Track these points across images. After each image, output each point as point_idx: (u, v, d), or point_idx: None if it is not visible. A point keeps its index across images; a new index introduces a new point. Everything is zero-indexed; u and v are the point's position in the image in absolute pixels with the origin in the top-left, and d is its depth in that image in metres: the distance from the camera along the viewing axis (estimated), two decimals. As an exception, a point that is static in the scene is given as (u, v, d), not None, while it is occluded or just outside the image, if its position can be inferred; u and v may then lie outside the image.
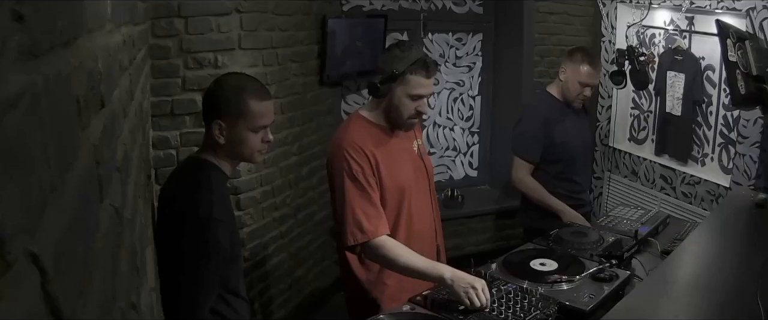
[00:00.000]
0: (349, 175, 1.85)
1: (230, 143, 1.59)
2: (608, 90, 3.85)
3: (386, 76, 1.87)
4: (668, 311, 1.53)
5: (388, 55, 1.92)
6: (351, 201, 1.83)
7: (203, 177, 1.57)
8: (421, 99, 1.89)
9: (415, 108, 1.90)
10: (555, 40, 3.96)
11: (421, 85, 1.87)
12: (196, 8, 2.49)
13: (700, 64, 3.26)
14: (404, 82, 1.86)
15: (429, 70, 1.87)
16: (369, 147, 1.88)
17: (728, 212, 2.33)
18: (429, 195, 2.09)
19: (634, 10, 3.62)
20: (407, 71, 1.84)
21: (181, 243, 1.51)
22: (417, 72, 1.85)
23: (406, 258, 1.81)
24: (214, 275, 1.53)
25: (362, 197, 1.84)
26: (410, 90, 1.87)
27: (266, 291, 3.02)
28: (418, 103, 1.89)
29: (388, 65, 1.87)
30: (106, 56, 0.81)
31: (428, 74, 1.87)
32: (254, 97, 1.58)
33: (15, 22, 0.39)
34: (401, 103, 1.89)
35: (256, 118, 1.58)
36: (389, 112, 1.93)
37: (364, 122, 1.96)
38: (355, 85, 3.80)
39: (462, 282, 1.69)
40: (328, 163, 1.96)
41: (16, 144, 0.39)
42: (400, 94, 1.88)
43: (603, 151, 3.95)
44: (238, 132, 1.58)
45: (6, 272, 0.35)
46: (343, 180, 1.85)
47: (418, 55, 1.87)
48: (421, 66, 1.85)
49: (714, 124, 3.26)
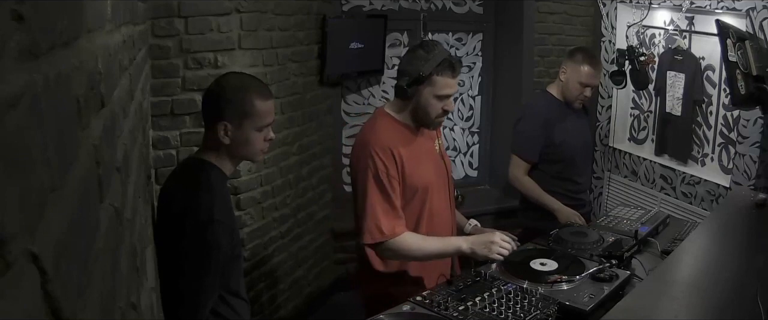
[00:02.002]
0: (374, 175, 1.87)
1: (235, 143, 1.59)
2: (608, 90, 3.85)
3: (413, 77, 1.87)
4: (668, 311, 1.53)
5: (413, 56, 1.92)
6: (372, 201, 1.87)
7: (203, 177, 1.57)
8: (448, 98, 1.91)
9: (442, 107, 1.92)
10: (555, 40, 3.96)
11: (448, 85, 1.89)
12: (196, 8, 2.49)
13: (700, 64, 3.26)
14: (431, 82, 1.87)
15: (455, 69, 1.89)
16: (396, 147, 1.90)
17: (728, 212, 2.33)
18: (447, 194, 2.12)
19: (634, 10, 3.62)
20: (434, 72, 1.86)
21: (182, 243, 1.51)
22: (443, 73, 1.87)
23: (419, 246, 1.89)
24: (215, 276, 1.53)
25: (383, 198, 1.87)
26: (437, 91, 1.88)
27: (266, 291, 3.02)
28: (445, 102, 1.91)
29: (414, 67, 1.88)
30: (106, 56, 0.81)
31: (454, 74, 1.89)
32: (259, 96, 1.59)
33: (15, 22, 0.39)
34: (428, 104, 1.90)
35: (261, 117, 1.59)
36: (416, 113, 1.94)
37: (392, 121, 1.97)
38: (355, 85, 3.80)
39: (479, 245, 1.83)
40: (354, 160, 1.98)
41: (16, 144, 0.39)
42: (427, 95, 1.89)
43: (603, 151, 3.96)
44: (244, 132, 1.58)
45: (6, 272, 0.35)
46: (366, 180, 1.88)
47: (443, 55, 1.88)
48: (447, 66, 1.87)
49: (714, 124, 3.26)
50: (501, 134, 4.09)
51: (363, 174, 1.90)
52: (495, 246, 1.79)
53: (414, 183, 1.94)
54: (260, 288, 2.96)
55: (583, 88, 2.74)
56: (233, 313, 1.63)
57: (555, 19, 3.94)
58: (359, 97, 3.85)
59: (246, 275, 2.69)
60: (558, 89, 2.82)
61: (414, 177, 1.94)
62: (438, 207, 2.05)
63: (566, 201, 2.75)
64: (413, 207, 1.97)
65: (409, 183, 1.93)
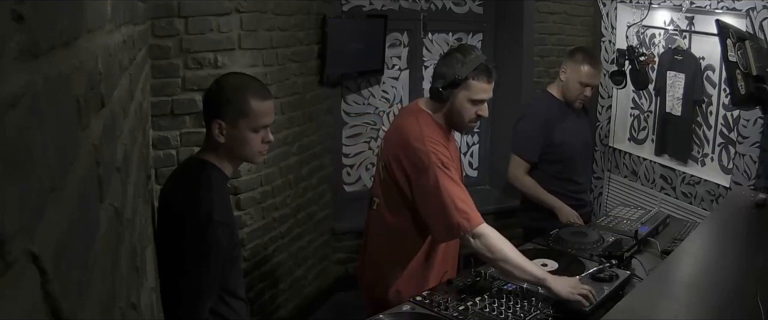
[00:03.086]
0: (441, 167, 1.81)
1: (231, 143, 1.58)
2: (608, 90, 3.85)
3: (449, 81, 1.87)
4: (668, 311, 1.53)
5: (450, 59, 1.91)
6: (449, 192, 1.79)
7: (203, 177, 1.57)
8: (483, 103, 1.91)
9: (476, 112, 1.91)
10: (555, 40, 3.96)
11: (483, 90, 1.89)
12: (196, 8, 2.49)
13: (700, 64, 3.26)
14: (467, 87, 1.87)
15: (491, 75, 1.89)
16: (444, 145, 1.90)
17: (728, 212, 2.33)
18: None
19: (634, 10, 3.62)
20: (470, 77, 1.86)
21: (182, 244, 1.51)
22: (479, 77, 1.87)
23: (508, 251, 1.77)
24: (214, 277, 1.53)
25: (458, 187, 1.83)
26: (472, 95, 1.88)
27: (266, 291, 3.02)
28: (479, 107, 1.91)
29: (450, 70, 1.88)
30: (106, 56, 0.81)
31: (490, 79, 1.89)
32: (256, 96, 1.58)
33: (15, 22, 0.39)
34: (463, 108, 1.90)
35: (257, 118, 1.58)
36: (450, 116, 1.94)
37: (432, 121, 1.95)
38: (355, 85, 3.80)
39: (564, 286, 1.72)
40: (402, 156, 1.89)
41: (16, 144, 0.39)
42: (462, 99, 1.89)
43: (603, 151, 3.95)
44: (240, 132, 1.57)
45: (6, 272, 0.35)
46: (435, 173, 1.80)
47: (480, 60, 1.88)
48: (483, 71, 1.87)
49: (714, 124, 3.26)
50: (501, 134, 4.08)
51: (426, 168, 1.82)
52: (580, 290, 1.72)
53: None
54: (260, 288, 2.96)
55: (584, 88, 2.74)
56: (233, 314, 1.63)
57: (555, 19, 3.93)
58: (359, 97, 3.85)
59: (246, 275, 2.69)
60: (558, 89, 2.82)
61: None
62: None
63: (566, 201, 2.75)
64: None
65: None
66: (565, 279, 1.77)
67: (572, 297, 1.70)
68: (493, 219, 4.02)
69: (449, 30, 4.03)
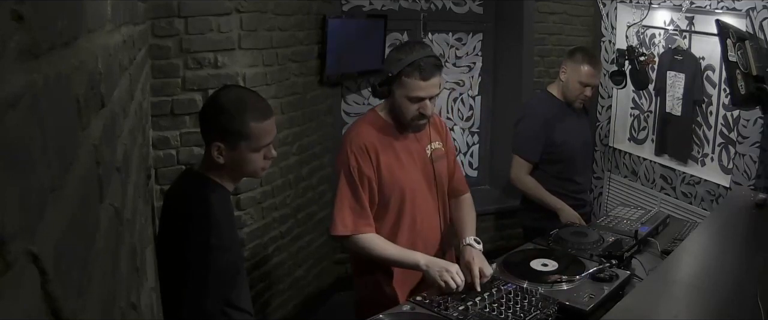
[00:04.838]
0: (346, 172, 1.91)
1: (231, 164, 1.54)
2: (608, 90, 3.85)
3: (382, 78, 1.89)
4: (668, 311, 1.53)
5: (389, 56, 1.95)
6: (342, 196, 1.92)
7: (202, 198, 1.53)
8: (422, 101, 1.87)
9: (417, 109, 1.89)
10: (555, 40, 3.96)
11: (418, 88, 1.84)
12: (196, 8, 2.49)
13: (700, 64, 3.26)
14: (401, 84, 1.86)
15: (423, 71, 1.83)
16: (375, 147, 1.91)
17: (728, 212, 2.33)
18: (437, 200, 2.07)
19: (634, 10, 3.62)
20: (402, 73, 1.84)
21: (183, 264, 1.49)
22: (411, 74, 1.83)
23: (381, 249, 1.91)
24: (216, 299, 1.53)
25: (353, 195, 1.90)
26: (407, 92, 1.86)
27: (266, 291, 3.03)
28: (419, 104, 1.88)
29: (386, 66, 1.90)
30: (106, 56, 0.81)
31: (423, 77, 1.83)
32: (255, 117, 1.52)
33: (15, 22, 0.39)
34: (402, 105, 1.89)
35: (258, 139, 1.53)
36: (395, 113, 1.95)
37: (379, 120, 1.98)
38: (355, 85, 3.80)
39: (436, 266, 1.81)
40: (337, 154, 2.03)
41: (16, 144, 0.39)
42: (400, 97, 1.88)
43: (603, 151, 3.96)
44: (240, 153, 1.53)
45: (6, 272, 0.35)
46: (339, 175, 1.94)
47: (415, 57, 1.83)
48: (415, 68, 1.82)
49: (714, 124, 3.26)
50: (501, 134, 4.08)
51: (337, 169, 1.96)
52: (446, 275, 1.76)
53: (391, 183, 1.93)
54: (260, 288, 2.96)
55: (584, 88, 2.74)
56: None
57: (555, 19, 3.94)
58: (359, 97, 3.84)
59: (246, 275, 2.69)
60: (558, 89, 2.82)
61: (391, 176, 1.93)
62: (423, 211, 2.02)
63: (566, 200, 2.75)
64: (391, 209, 1.96)
65: (385, 182, 1.92)
66: (441, 263, 1.84)
67: (437, 281, 1.79)
68: (493, 219, 4.03)
69: (449, 30, 4.03)
